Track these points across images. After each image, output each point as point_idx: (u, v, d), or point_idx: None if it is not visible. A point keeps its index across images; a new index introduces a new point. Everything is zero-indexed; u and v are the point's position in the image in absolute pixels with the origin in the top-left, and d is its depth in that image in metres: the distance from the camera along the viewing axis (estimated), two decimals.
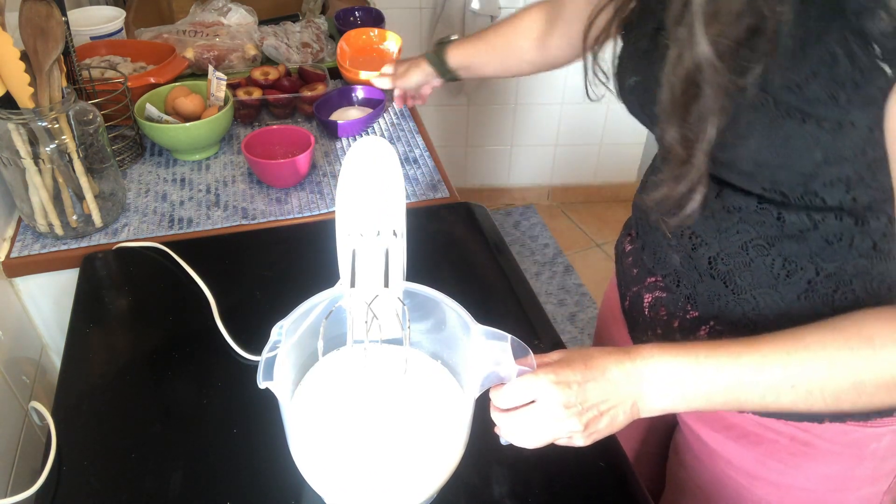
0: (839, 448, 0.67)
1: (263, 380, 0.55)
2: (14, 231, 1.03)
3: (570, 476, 0.69)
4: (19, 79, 0.85)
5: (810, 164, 0.53)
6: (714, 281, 0.66)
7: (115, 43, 1.37)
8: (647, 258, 0.75)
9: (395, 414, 0.64)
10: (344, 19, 1.58)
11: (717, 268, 0.65)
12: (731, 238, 0.63)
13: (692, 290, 0.69)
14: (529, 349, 0.59)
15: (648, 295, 0.75)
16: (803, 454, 0.68)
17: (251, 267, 0.95)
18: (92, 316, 0.87)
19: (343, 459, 0.57)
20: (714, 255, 0.65)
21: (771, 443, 0.69)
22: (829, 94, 0.49)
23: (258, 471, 0.67)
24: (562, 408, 0.55)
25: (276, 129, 1.16)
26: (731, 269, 0.64)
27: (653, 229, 0.73)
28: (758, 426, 0.70)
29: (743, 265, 0.63)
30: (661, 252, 0.72)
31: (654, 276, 0.74)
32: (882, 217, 0.57)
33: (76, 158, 0.95)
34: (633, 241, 0.80)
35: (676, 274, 0.70)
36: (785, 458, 0.70)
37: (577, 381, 0.55)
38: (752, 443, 0.71)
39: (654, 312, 0.74)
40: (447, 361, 0.69)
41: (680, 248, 0.68)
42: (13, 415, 0.93)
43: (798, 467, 0.70)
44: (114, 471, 0.68)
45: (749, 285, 0.63)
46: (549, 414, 0.56)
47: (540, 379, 0.56)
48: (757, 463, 0.71)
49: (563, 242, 2.58)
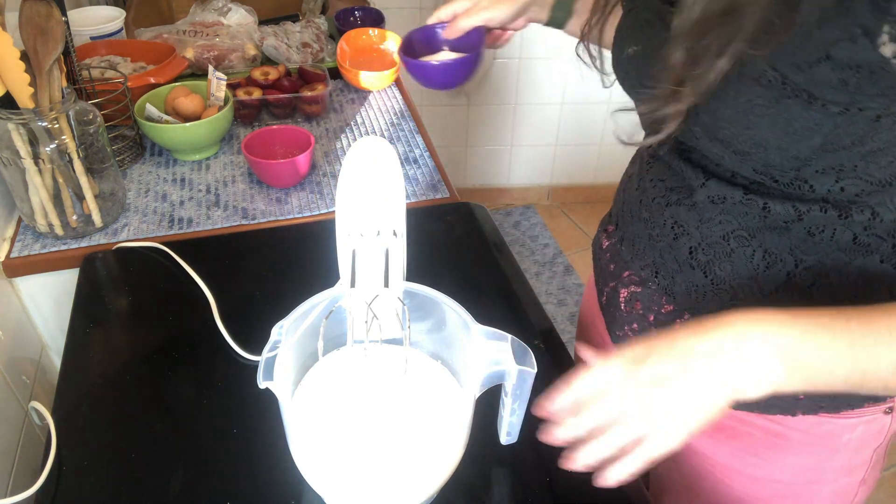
0: (813, 439, 0.67)
1: (263, 380, 0.56)
2: (14, 231, 1.03)
3: (569, 476, 0.68)
4: (19, 79, 0.85)
5: (808, 148, 0.52)
6: (693, 271, 0.66)
7: (115, 43, 1.37)
8: (626, 250, 0.75)
9: (395, 414, 0.64)
10: (344, 19, 1.58)
11: (697, 258, 0.65)
12: (713, 228, 0.63)
13: (670, 282, 0.68)
14: (529, 349, 0.59)
15: (624, 290, 0.74)
16: (777, 446, 0.69)
17: (251, 267, 0.95)
18: (92, 316, 0.87)
19: (343, 459, 0.57)
20: (695, 245, 0.65)
21: (746, 436, 0.70)
22: (841, 79, 0.48)
23: (258, 471, 0.67)
24: (635, 386, 0.50)
25: (276, 129, 1.16)
26: (710, 260, 0.64)
27: (634, 220, 0.73)
28: (731, 419, 0.70)
29: (723, 255, 0.63)
30: (641, 243, 0.72)
31: (631, 269, 0.74)
32: (866, 211, 0.57)
33: (76, 158, 0.95)
34: (611, 235, 0.80)
35: (654, 265, 0.70)
36: (760, 452, 0.70)
37: (650, 348, 0.51)
38: (728, 437, 0.71)
39: (629, 307, 0.74)
40: (447, 361, 0.69)
41: (661, 237, 0.68)
42: (13, 415, 0.93)
43: (773, 460, 0.70)
44: (114, 471, 0.68)
45: (728, 275, 0.63)
46: (623, 399, 0.51)
47: (607, 366, 0.52)
48: (733, 457, 0.72)
49: (563, 242, 2.58)
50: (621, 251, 0.76)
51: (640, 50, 0.63)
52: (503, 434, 0.65)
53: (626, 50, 0.65)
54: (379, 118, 1.34)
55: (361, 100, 1.40)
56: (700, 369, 0.50)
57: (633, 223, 0.73)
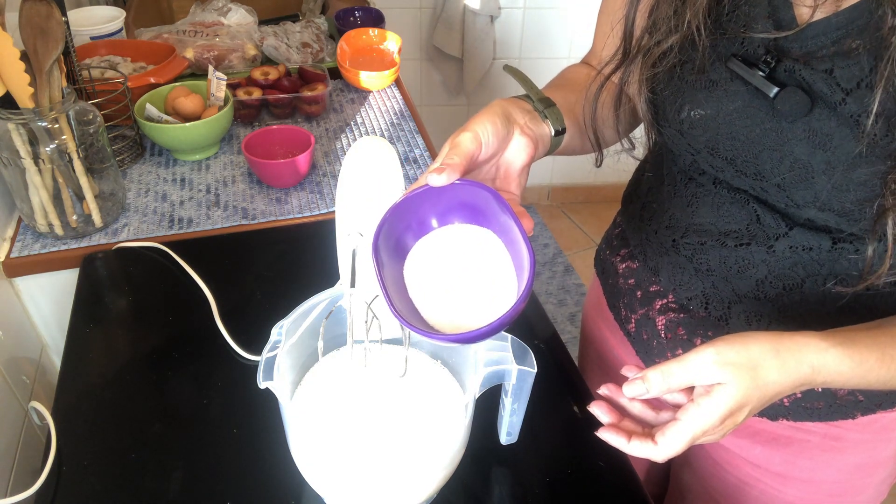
0: (868, 436, 0.67)
1: (263, 380, 0.55)
2: (14, 231, 1.03)
3: (569, 476, 0.69)
4: (19, 79, 0.85)
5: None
6: (758, 302, 0.63)
7: (115, 43, 1.37)
8: (662, 280, 0.71)
9: (395, 414, 0.64)
10: (344, 19, 1.58)
11: (764, 290, 0.63)
12: (783, 262, 0.61)
13: (725, 312, 0.66)
14: (529, 349, 0.59)
15: (661, 318, 0.72)
16: (834, 448, 0.68)
17: (251, 267, 0.95)
18: (92, 316, 0.87)
19: (343, 460, 0.57)
20: (762, 279, 0.63)
21: (801, 443, 0.69)
22: None
23: (258, 471, 0.67)
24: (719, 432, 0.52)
25: (276, 129, 1.16)
26: (780, 293, 0.62)
27: (668, 252, 0.70)
28: (789, 429, 0.69)
29: (794, 287, 0.61)
30: (683, 275, 0.68)
31: (668, 299, 0.71)
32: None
33: (76, 158, 0.95)
34: (626, 258, 0.77)
35: (705, 297, 0.67)
36: (816, 455, 0.69)
37: (749, 405, 0.51)
38: (782, 445, 0.70)
39: (670, 333, 0.71)
40: (447, 361, 0.69)
41: (713, 272, 0.65)
42: (13, 415, 0.93)
43: (829, 462, 0.69)
44: (114, 471, 0.68)
45: (797, 304, 0.62)
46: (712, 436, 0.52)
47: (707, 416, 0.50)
48: (787, 464, 0.71)
49: (563, 242, 2.58)
50: (650, 279, 0.73)
51: (708, 114, 0.59)
52: (503, 434, 0.65)
53: (684, 115, 0.61)
54: (379, 118, 1.34)
55: (361, 100, 1.40)
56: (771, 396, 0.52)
57: (667, 255, 0.70)
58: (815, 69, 0.51)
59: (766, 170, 0.57)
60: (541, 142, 0.61)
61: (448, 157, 0.52)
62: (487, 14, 2.24)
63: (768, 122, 0.55)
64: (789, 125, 0.54)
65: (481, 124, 0.54)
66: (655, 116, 0.64)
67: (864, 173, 0.51)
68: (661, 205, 0.71)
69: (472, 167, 0.55)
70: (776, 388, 0.50)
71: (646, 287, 0.74)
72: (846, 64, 0.50)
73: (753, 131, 0.56)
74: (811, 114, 0.52)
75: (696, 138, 0.61)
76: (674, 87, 0.61)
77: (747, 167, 0.58)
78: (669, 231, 0.69)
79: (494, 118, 0.56)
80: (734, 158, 0.59)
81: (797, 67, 0.52)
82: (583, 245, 2.58)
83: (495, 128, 0.55)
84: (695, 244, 0.66)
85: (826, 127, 0.51)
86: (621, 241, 0.81)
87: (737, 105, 0.57)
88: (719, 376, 0.49)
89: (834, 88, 0.50)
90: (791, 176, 0.55)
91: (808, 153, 0.53)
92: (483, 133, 0.54)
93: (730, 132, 0.58)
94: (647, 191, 0.75)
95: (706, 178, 0.65)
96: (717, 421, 0.50)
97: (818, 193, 0.54)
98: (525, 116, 0.60)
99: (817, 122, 0.52)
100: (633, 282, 0.76)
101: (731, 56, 0.56)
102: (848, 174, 0.51)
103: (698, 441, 0.51)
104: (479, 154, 0.54)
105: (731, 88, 0.57)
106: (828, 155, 0.52)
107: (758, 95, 0.55)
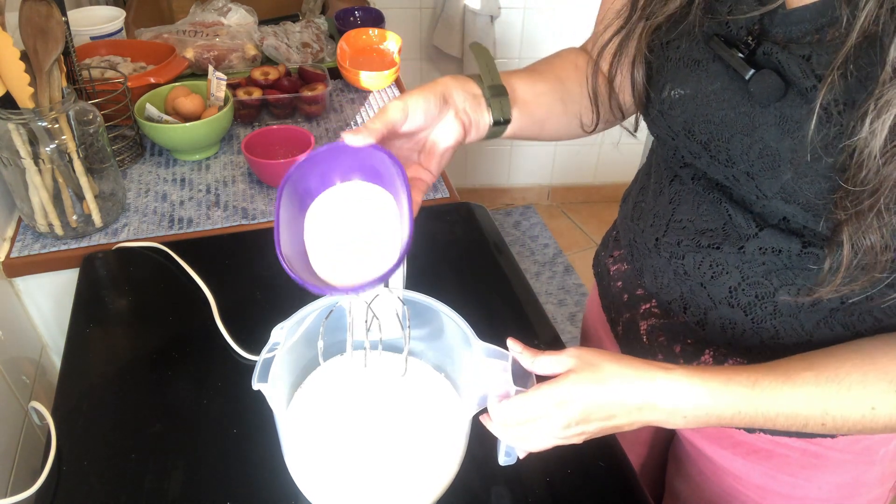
0: (850, 457, 0.67)
1: (258, 381, 0.55)
2: (14, 231, 1.03)
3: (569, 476, 0.68)
4: (19, 79, 0.85)
5: None
6: (732, 309, 0.63)
7: (115, 43, 1.37)
8: (646, 282, 0.72)
9: (393, 425, 0.64)
10: (344, 19, 1.58)
11: (737, 298, 0.63)
12: (756, 269, 0.61)
13: (702, 317, 0.66)
14: (531, 373, 0.58)
15: (644, 322, 0.72)
16: (814, 466, 0.68)
17: (251, 267, 0.95)
18: (92, 316, 0.87)
19: (339, 471, 0.57)
20: (735, 285, 0.62)
21: (781, 457, 0.69)
22: None
23: (258, 471, 0.67)
24: (561, 428, 0.55)
25: (276, 129, 1.16)
26: (751, 301, 0.62)
27: (651, 253, 0.70)
28: (769, 443, 0.69)
29: (767, 295, 0.61)
30: (664, 277, 0.68)
31: (651, 302, 0.71)
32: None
33: (76, 158, 0.95)
34: (619, 259, 0.77)
35: (683, 300, 0.67)
36: (796, 472, 0.69)
37: (582, 400, 0.54)
38: (763, 458, 0.70)
39: (651, 339, 0.72)
40: (447, 372, 0.69)
41: (691, 276, 0.65)
42: (13, 415, 0.93)
43: (809, 479, 0.69)
44: (114, 471, 0.68)
45: (770, 315, 0.61)
46: (549, 432, 0.55)
47: (542, 398, 0.54)
48: (767, 477, 0.71)
49: (563, 242, 2.58)
50: (636, 282, 0.74)
51: (688, 93, 0.59)
52: (501, 455, 0.62)
53: (665, 93, 0.61)
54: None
55: (361, 100, 1.40)
56: (627, 414, 0.55)
57: (650, 256, 0.70)
58: (793, 53, 0.50)
59: (735, 155, 0.56)
60: (475, 128, 0.62)
61: (371, 121, 0.54)
62: (487, 14, 2.24)
63: (742, 105, 0.55)
64: (761, 110, 0.53)
65: (414, 99, 0.56)
66: (646, 93, 0.63)
67: (826, 165, 0.50)
68: (648, 203, 0.71)
69: (393, 136, 0.57)
70: (611, 379, 0.54)
71: (632, 290, 0.75)
72: (824, 51, 0.49)
73: (728, 114, 0.56)
74: (784, 99, 0.52)
75: (675, 119, 0.61)
76: (659, 65, 0.61)
77: (720, 152, 0.58)
78: (653, 230, 0.69)
79: (430, 95, 0.57)
80: (708, 142, 0.58)
81: (775, 50, 0.51)
82: (583, 245, 2.58)
83: (427, 105, 0.57)
84: (673, 244, 0.66)
85: (797, 114, 0.51)
86: (615, 243, 0.81)
87: (715, 87, 0.56)
88: (569, 363, 0.55)
89: (808, 74, 0.50)
90: (760, 163, 0.54)
91: (777, 139, 0.53)
92: (414, 107, 0.56)
93: (705, 114, 0.57)
94: (640, 190, 0.75)
95: (687, 172, 0.65)
96: (551, 405, 0.54)
97: (784, 183, 0.53)
98: (467, 101, 0.60)
99: (789, 108, 0.52)
100: (620, 284, 0.77)
101: (713, 35, 0.56)
102: (813, 164, 0.51)
103: (547, 435, 0.56)
104: (402, 125, 0.56)
105: (711, 69, 0.57)
106: (794, 143, 0.51)
107: (736, 78, 0.55)
